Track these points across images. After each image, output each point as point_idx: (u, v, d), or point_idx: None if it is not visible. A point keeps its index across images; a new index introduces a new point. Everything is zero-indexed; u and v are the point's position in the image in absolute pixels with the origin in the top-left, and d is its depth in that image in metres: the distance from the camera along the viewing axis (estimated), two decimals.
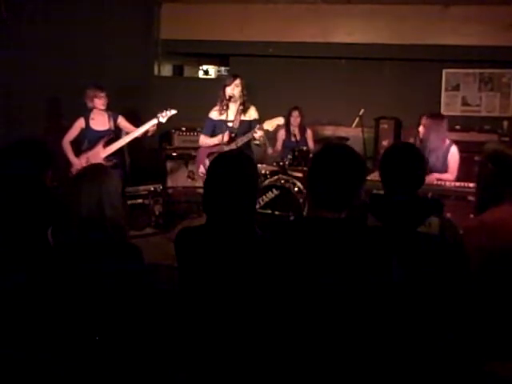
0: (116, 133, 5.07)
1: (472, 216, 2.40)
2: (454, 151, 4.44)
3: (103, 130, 4.99)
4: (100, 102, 4.92)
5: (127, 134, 5.09)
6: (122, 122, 5.11)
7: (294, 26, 7.16)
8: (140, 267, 2.10)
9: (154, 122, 4.96)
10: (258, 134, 4.52)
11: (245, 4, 7.29)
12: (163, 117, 5.00)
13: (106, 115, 5.02)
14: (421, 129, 4.45)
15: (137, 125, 5.04)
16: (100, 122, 5.00)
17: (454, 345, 2.00)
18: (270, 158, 6.00)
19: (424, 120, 4.44)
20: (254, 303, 1.79)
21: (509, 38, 6.37)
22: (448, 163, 4.42)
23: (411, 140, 4.79)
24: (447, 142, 4.45)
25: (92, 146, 4.96)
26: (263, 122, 4.60)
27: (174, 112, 5.03)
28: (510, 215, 2.15)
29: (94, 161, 4.86)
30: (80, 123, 4.97)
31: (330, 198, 1.75)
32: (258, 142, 4.68)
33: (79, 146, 5.05)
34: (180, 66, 9.03)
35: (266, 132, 4.62)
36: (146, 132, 4.98)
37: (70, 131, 4.98)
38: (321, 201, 1.76)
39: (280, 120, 4.66)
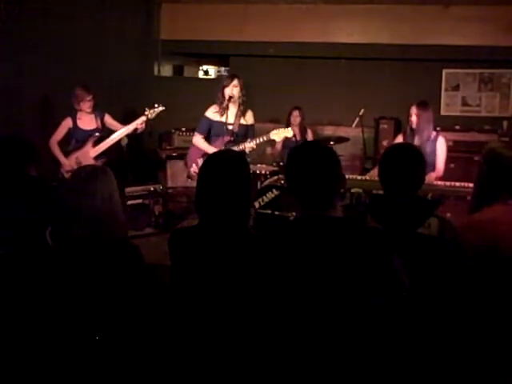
0: (105, 131, 5.06)
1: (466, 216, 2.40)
2: (442, 141, 4.51)
3: (91, 130, 4.97)
4: (86, 105, 4.90)
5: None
6: (108, 119, 5.09)
7: (294, 25, 7.17)
8: (139, 267, 2.11)
9: (143, 118, 4.97)
10: (249, 146, 4.48)
11: (245, 4, 7.29)
12: (151, 113, 5.01)
13: (92, 114, 5.00)
14: (413, 119, 4.50)
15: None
16: (87, 121, 4.98)
17: (454, 346, 2.00)
18: (270, 159, 6.01)
19: (415, 110, 4.49)
20: (247, 304, 1.78)
21: (509, 38, 6.38)
22: (436, 153, 4.47)
23: (399, 136, 4.83)
24: (434, 132, 4.52)
25: (80, 145, 4.95)
26: (267, 128, 4.54)
27: (161, 108, 5.04)
28: (500, 215, 2.14)
29: (83, 161, 4.83)
30: (67, 123, 4.95)
31: (314, 198, 1.74)
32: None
33: (66, 145, 5.02)
34: (180, 66, 9.04)
35: (273, 142, 4.56)
36: (135, 129, 4.98)
37: (58, 131, 4.96)
38: (307, 202, 1.75)
39: (289, 132, 4.57)
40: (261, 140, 4.49)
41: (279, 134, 4.52)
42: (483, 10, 6.50)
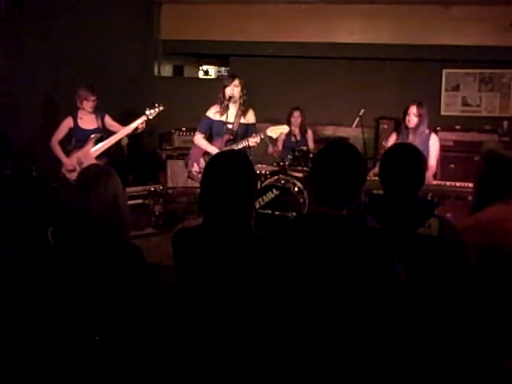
0: (106, 132, 5.07)
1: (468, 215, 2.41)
2: (434, 138, 4.58)
3: (92, 129, 4.99)
4: (89, 105, 4.93)
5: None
6: (108, 120, 5.11)
7: (294, 26, 7.17)
8: (141, 267, 2.11)
9: (143, 118, 4.99)
10: (253, 141, 4.50)
11: (245, 4, 7.29)
12: (151, 113, 5.02)
13: (93, 114, 5.02)
14: (411, 118, 4.53)
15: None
16: (88, 120, 5.00)
17: (454, 346, 2.00)
18: (270, 158, 6.00)
19: (415, 109, 4.52)
20: (252, 303, 1.78)
21: (509, 38, 6.37)
22: (429, 149, 4.51)
23: (393, 135, 4.86)
24: (427, 130, 4.59)
25: (81, 145, 4.96)
26: (267, 127, 4.57)
27: (161, 108, 5.05)
28: (502, 214, 2.15)
29: (85, 160, 4.84)
30: (68, 122, 4.97)
31: (330, 195, 1.76)
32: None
33: (66, 145, 5.02)
34: (180, 67, 9.04)
35: (269, 138, 4.60)
36: (136, 129, 4.99)
37: (59, 131, 4.97)
38: (321, 197, 1.77)
39: (285, 128, 4.65)
40: (259, 137, 4.51)
41: (276, 131, 4.56)
42: (483, 9, 6.49)
